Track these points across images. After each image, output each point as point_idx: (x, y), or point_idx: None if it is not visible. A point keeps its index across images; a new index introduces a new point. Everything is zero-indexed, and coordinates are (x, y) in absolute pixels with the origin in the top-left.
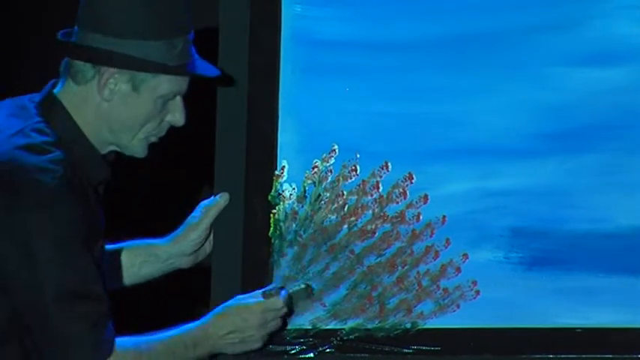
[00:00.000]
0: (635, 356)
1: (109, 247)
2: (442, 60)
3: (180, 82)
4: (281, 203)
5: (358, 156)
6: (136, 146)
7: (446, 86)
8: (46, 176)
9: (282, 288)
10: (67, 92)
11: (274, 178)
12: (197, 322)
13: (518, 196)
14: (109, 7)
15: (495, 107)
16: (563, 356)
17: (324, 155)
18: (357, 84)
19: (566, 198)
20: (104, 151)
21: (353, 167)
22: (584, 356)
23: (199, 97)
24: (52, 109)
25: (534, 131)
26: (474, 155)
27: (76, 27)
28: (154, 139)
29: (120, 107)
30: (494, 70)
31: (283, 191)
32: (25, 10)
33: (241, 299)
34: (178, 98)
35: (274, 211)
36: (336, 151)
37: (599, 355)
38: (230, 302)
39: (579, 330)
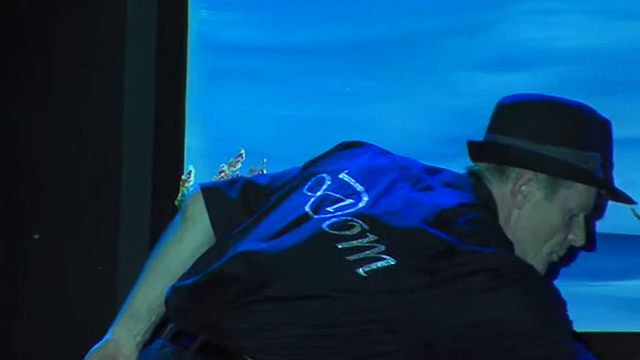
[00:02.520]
0: None
1: None
2: (349, 64)
3: (589, 198)
4: None
5: (265, 160)
6: (538, 264)
7: (353, 90)
8: None
9: None
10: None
11: (181, 182)
12: None
13: None
14: (529, 115)
15: (402, 111)
16: None
17: (231, 159)
18: (263, 88)
19: None
20: None
21: (260, 171)
22: None
23: (105, 101)
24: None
25: (441, 135)
26: None
27: (488, 133)
28: (555, 258)
29: (529, 216)
30: (401, 74)
31: None
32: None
33: None
34: (582, 217)
35: None
36: (243, 155)
37: None
38: None
39: None
